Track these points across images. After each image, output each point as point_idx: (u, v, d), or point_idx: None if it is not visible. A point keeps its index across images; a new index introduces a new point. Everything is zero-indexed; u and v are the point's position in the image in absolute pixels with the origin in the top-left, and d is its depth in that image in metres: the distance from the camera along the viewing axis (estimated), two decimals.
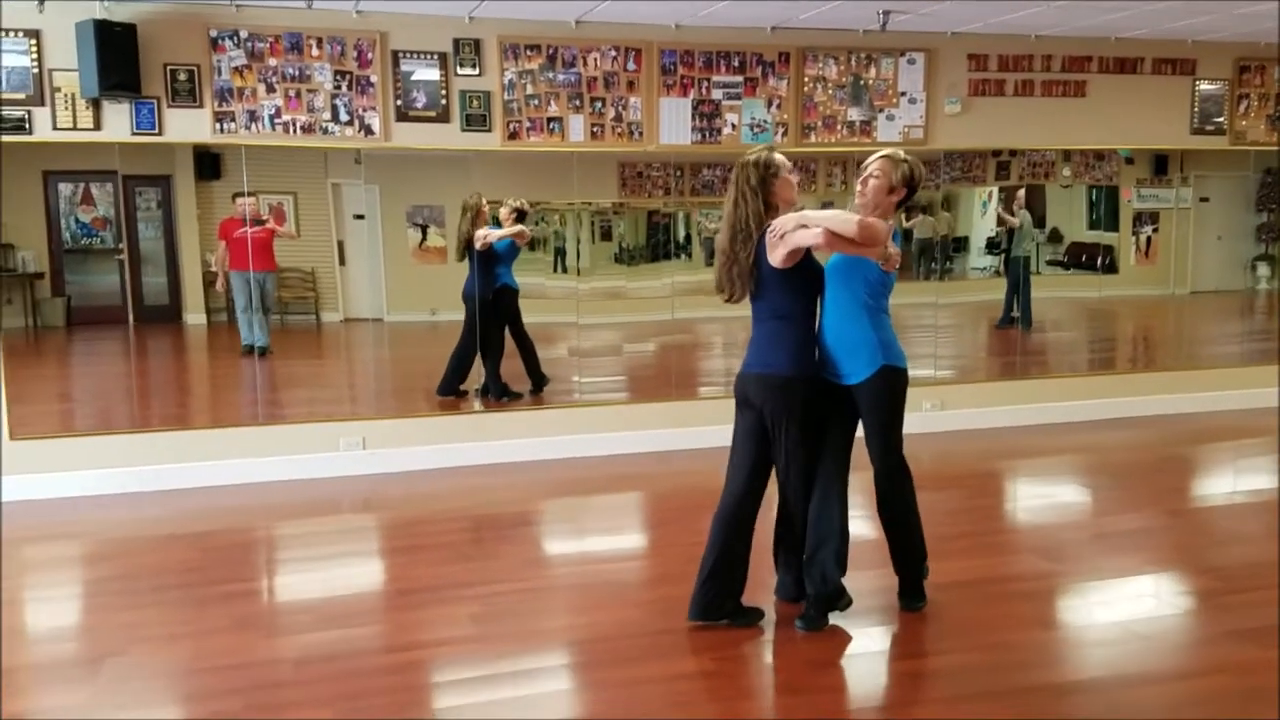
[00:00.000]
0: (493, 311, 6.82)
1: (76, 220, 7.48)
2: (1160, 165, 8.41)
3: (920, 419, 6.98)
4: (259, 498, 5.82)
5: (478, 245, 6.72)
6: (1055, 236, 8.43)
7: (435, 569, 4.59)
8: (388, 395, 7.24)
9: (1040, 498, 6.01)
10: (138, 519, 5.48)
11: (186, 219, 7.21)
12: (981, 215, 8.71)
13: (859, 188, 3.83)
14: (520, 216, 6.94)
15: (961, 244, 8.73)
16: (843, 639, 3.77)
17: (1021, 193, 8.10)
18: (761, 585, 3.97)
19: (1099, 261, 8.67)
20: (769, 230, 3.63)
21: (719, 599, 3.79)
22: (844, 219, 3.51)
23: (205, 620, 4.07)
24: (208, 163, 6.85)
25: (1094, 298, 9.10)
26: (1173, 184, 8.49)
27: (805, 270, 3.71)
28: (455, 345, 6.88)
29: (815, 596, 3.81)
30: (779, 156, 3.74)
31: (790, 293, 3.71)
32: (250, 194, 6.79)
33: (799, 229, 3.55)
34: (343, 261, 7.72)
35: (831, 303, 3.80)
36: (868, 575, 4.14)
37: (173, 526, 5.33)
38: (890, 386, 3.77)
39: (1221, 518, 5.36)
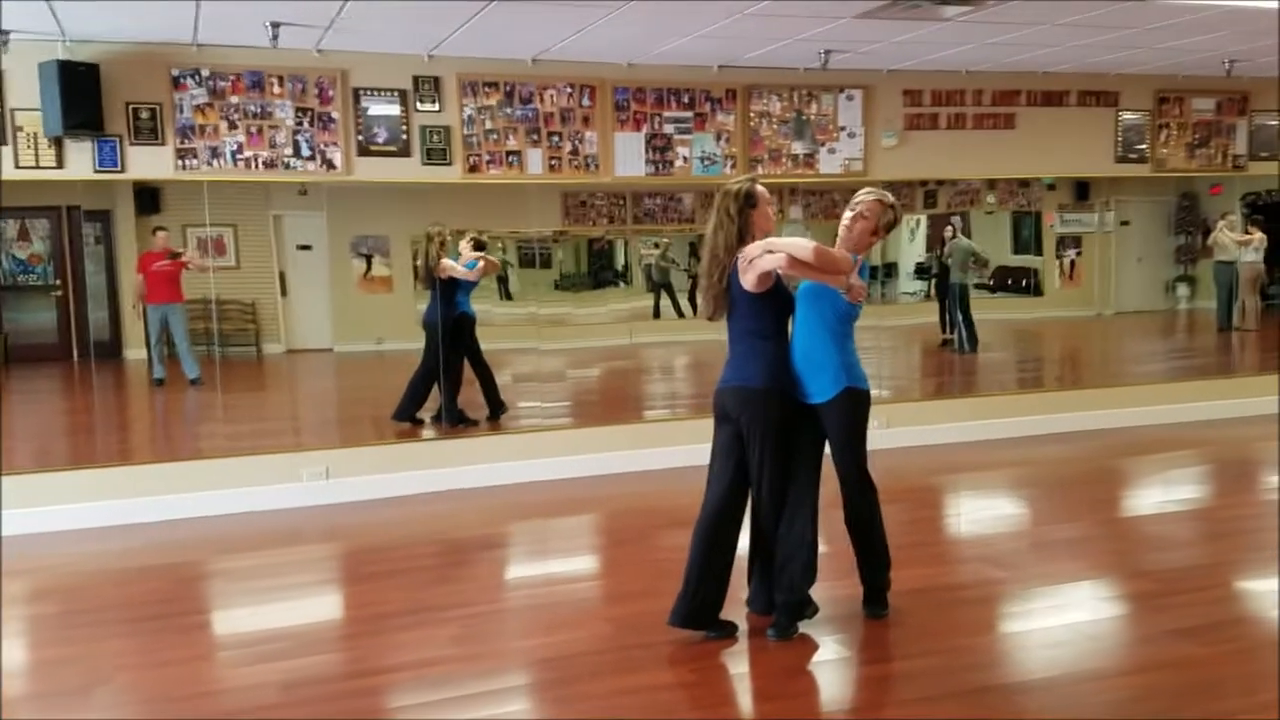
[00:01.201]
0: (452, 339, 6.94)
1: (12, 257, 7.42)
2: (1082, 191, 8.84)
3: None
4: (224, 529, 5.84)
5: (441, 275, 6.85)
6: (976, 261, 8.78)
7: (410, 593, 4.69)
8: (340, 424, 7.30)
9: (984, 509, 6.28)
10: (105, 553, 5.48)
11: (127, 253, 7.20)
12: (910, 242, 9.05)
13: (846, 222, 4.05)
14: (478, 247, 7.10)
15: (892, 269, 9.06)
16: (811, 646, 3.96)
17: (957, 219, 8.45)
18: (734, 600, 4.14)
19: (1024, 284, 9.06)
20: (740, 256, 3.87)
21: (701, 609, 3.96)
22: (802, 245, 3.82)
23: (188, 648, 4.13)
24: (147, 197, 6.87)
25: (1024, 319, 9.50)
26: (1094, 209, 8.91)
27: (776, 294, 3.96)
28: (414, 372, 6.98)
29: (784, 605, 4.01)
30: (760, 188, 3.97)
31: (762, 314, 3.94)
32: (162, 228, 6.84)
33: (764, 255, 3.82)
34: (285, 292, 7.76)
35: (801, 326, 4.04)
36: (833, 585, 4.33)
37: (142, 559, 5.34)
38: (852, 406, 4.01)
39: (1153, 525, 5.67)
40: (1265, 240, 9.19)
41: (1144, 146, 8.07)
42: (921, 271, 9.20)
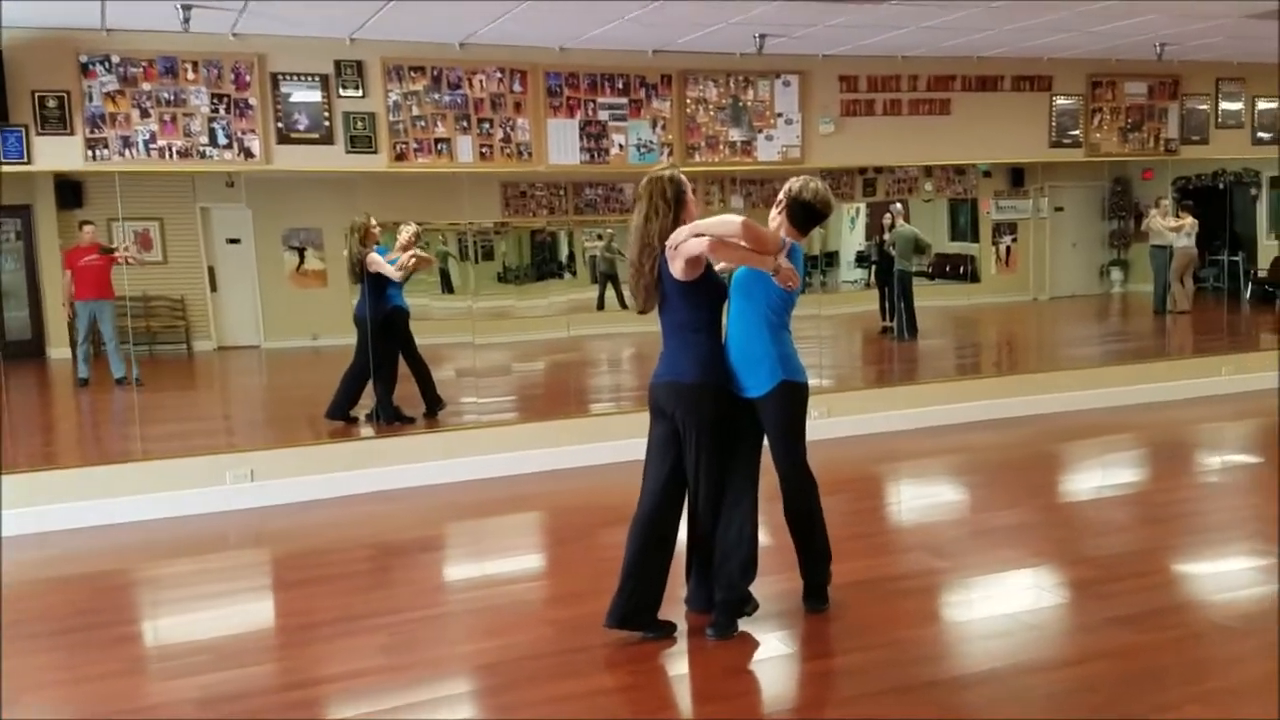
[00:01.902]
0: (384, 334, 6.73)
1: None
2: (1017, 177, 8.87)
3: (807, 426, 7.19)
4: (146, 535, 5.61)
5: (370, 269, 6.64)
6: (919, 248, 8.78)
7: (338, 600, 4.51)
8: (272, 424, 7.08)
9: (924, 498, 6.26)
10: (18, 562, 5.21)
11: (48, 250, 6.95)
12: (850, 230, 9.03)
13: (773, 214, 3.97)
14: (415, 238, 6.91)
15: (833, 258, 9.04)
16: (752, 644, 3.87)
17: (899, 205, 8.44)
18: (672, 598, 4.04)
19: (961, 271, 9.09)
20: (667, 244, 3.73)
21: (637, 609, 3.85)
22: (727, 221, 3.66)
23: (102, 664, 3.92)
24: (69, 191, 6.62)
25: (961, 306, 9.53)
26: (1029, 195, 8.96)
27: (707, 283, 3.81)
28: (347, 368, 6.77)
29: (723, 603, 3.91)
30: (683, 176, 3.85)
31: (693, 305, 3.81)
32: (89, 222, 6.60)
33: (690, 239, 3.66)
34: (215, 288, 7.53)
35: (736, 317, 3.92)
36: (773, 580, 4.25)
37: (57, 569, 5.11)
38: (789, 399, 3.91)
39: (1091, 510, 5.68)
40: (1197, 225, 9.31)
41: (1077, 131, 8.11)
42: (862, 259, 9.18)
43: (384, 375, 6.70)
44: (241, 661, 3.91)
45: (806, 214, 3.94)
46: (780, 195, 3.98)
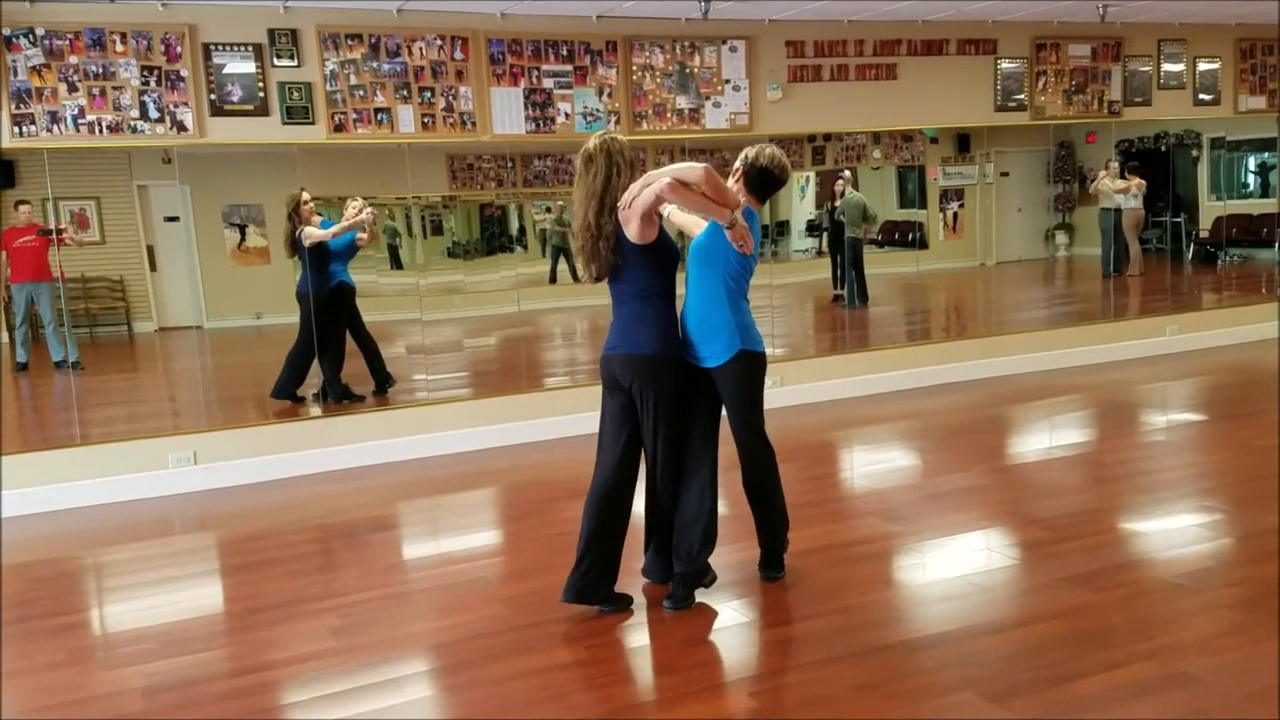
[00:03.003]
0: (330, 311, 6.60)
1: None
2: (963, 144, 8.89)
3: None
4: (85, 522, 5.47)
5: (307, 242, 6.49)
6: (866, 217, 8.80)
7: (285, 584, 4.43)
8: (215, 406, 6.93)
9: (876, 463, 6.28)
10: None
11: None
12: (800, 199, 9.01)
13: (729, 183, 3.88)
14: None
15: (783, 227, 9.02)
16: (710, 615, 3.85)
17: (848, 173, 8.42)
18: (627, 570, 4.00)
19: (910, 238, 9.11)
20: (620, 206, 3.62)
21: (594, 583, 3.81)
22: (689, 166, 3.55)
23: (41, 655, 3.82)
24: (1, 170, 6.39)
25: (910, 273, 9.57)
26: (975, 161, 8.99)
27: (662, 249, 3.73)
28: (291, 347, 6.63)
29: (682, 575, 3.88)
30: None
31: (649, 270, 3.71)
32: (25, 201, 6.41)
33: (644, 189, 3.55)
34: (154, 267, 7.35)
35: (694, 286, 3.86)
36: (729, 550, 4.24)
37: None
38: (747, 369, 3.87)
39: (1041, 471, 5.73)
40: (1144, 186, 9.40)
41: (1023, 95, 8.13)
42: (812, 228, 9.18)
43: (331, 353, 6.58)
44: (187, 649, 3.82)
45: (764, 179, 3.89)
46: (736, 164, 3.92)
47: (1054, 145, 9.48)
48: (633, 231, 3.64)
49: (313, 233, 6.50)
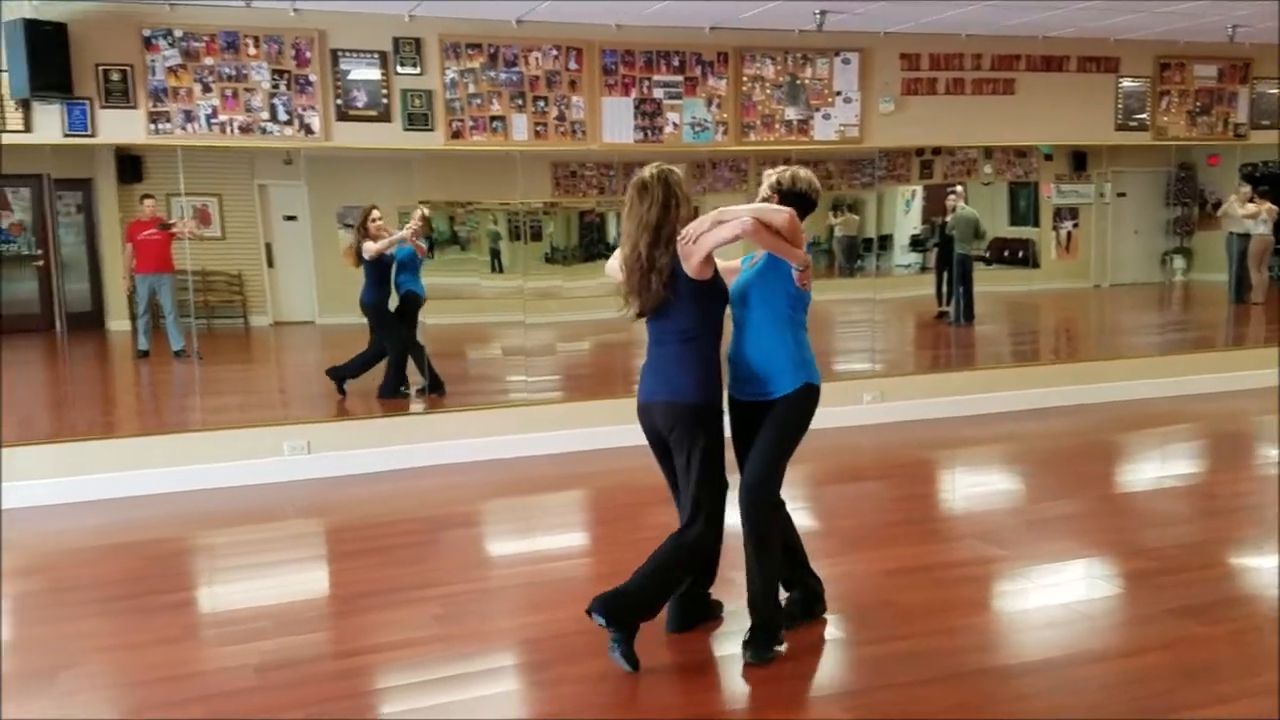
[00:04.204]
0: (398, 315, 6.97)
1: None
2: (1079, 161, 8.68)
3: (860, 411, 7.13)
4: (202, 504, 5.71)
5: (366, 256, 6.77)
6: (978, 233, 8.65)
7: (391, 571, 4.57)
8: (327, 398, 7.16)
9: (977, 485, 6.17)
10: (79, 529, 5.35)
11: (109, 223, 7.04)
12: (905, 213, 8.90)
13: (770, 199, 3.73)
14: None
15: (886, 242, 8.92)
16: (804, 628, 3.83)
17: (960, 188, 8.29)
18: (724, 581, 4.01)
19: (1021, 256, 8.93)
20: (680, 239, 3.48)
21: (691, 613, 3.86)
22: (774, 209, 3.49)
23: (158, 629, 4.00)
24: (129, 165, 6.70)
25: (1019, 292, 9.37)
26: (1092, 180, 8.76)
27: (716, 286, 3.60)
28: (366, 349, 6.97)
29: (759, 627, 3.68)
30: None
31: (698, 309, 3.56)
32: (150, 196, 6.68)
33: (716, 226, 3.44)
34: (271, 264, 7.61)
35: (754, 320, 3.68)
36: (820, 565, 4.20)
37: (115, 536, 5.22)
38: (805, 401, 3.67)
39: (1149, 501, 5.57)
40: (1275, 211, 9.05)
41: (1144, 114, 7.91)
42: (917, 243, 9.06)
43: (412, 351, 6.92)
44: (298, 629, 3.97)
45: (803, 205, 3.72)
46: (764, 189, 3.75)
47: (1174, 167, 9.19)
48: (692, 267, 3.48)
49: (369, 247, 6.78)
